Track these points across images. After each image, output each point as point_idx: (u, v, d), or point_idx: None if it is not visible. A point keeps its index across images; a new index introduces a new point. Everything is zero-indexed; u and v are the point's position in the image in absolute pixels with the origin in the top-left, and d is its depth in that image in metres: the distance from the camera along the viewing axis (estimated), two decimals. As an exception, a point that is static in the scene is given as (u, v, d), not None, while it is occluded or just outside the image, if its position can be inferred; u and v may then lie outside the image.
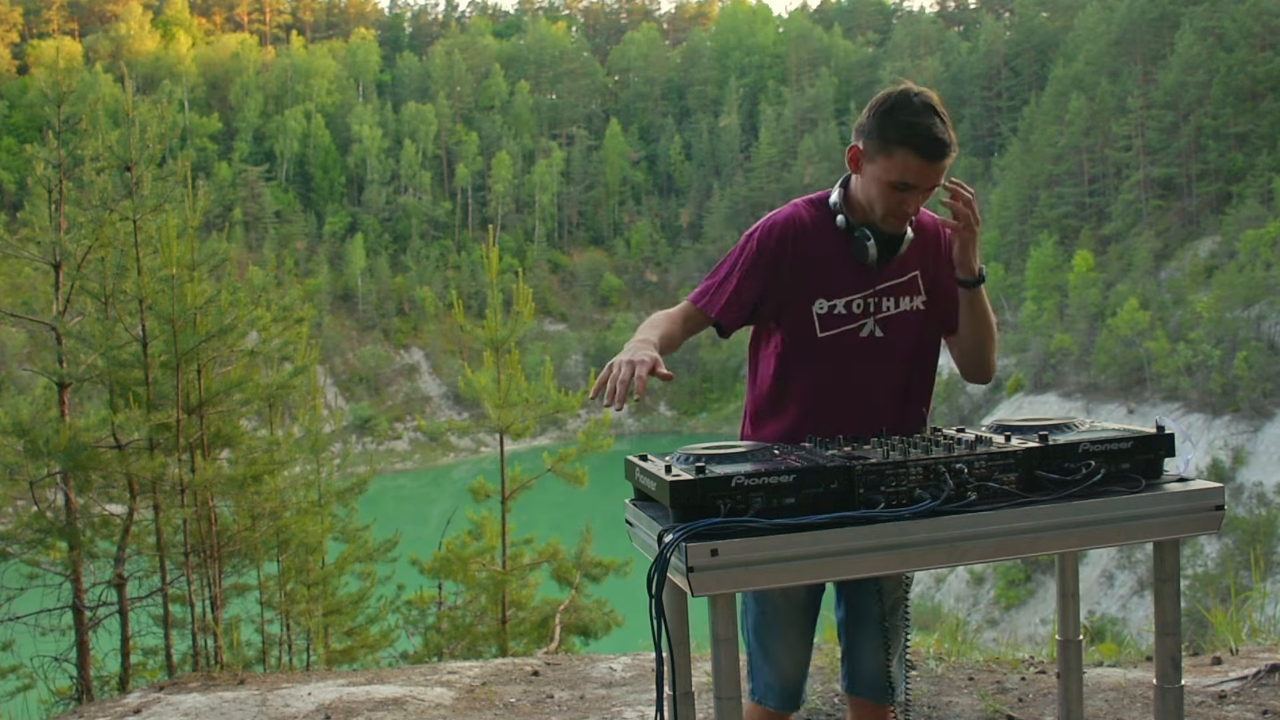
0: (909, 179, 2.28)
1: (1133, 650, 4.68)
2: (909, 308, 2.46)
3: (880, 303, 2.43)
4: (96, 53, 79.30)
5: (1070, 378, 49.88)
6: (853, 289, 2.42)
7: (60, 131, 6.94)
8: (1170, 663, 2.12)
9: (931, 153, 2.24)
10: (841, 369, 2.43)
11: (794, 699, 2.55)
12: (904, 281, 2.45)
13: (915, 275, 2.46)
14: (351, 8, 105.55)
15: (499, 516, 8.28)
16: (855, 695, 2.61)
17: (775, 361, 2.49)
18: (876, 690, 2.56)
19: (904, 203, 2.32)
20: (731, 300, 2.40)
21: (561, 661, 5.05)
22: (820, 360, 2.43)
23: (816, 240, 2.42)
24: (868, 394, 2.45)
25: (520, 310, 8.26)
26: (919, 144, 2.24)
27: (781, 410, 2.50)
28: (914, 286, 2.46)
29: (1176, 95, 56.59)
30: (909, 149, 2.24)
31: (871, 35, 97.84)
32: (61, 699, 6.33)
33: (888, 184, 2.30)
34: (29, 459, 6.29)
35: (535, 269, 74.13)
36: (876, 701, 2.57)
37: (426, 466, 61.32)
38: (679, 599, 2.23)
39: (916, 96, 2.27)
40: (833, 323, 2.42)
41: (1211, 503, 2.04)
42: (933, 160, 2.25)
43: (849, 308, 2.42)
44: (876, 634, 2.54)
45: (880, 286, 2.42)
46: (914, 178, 2.28)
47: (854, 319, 2.42)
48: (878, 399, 2.45)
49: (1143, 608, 33.55)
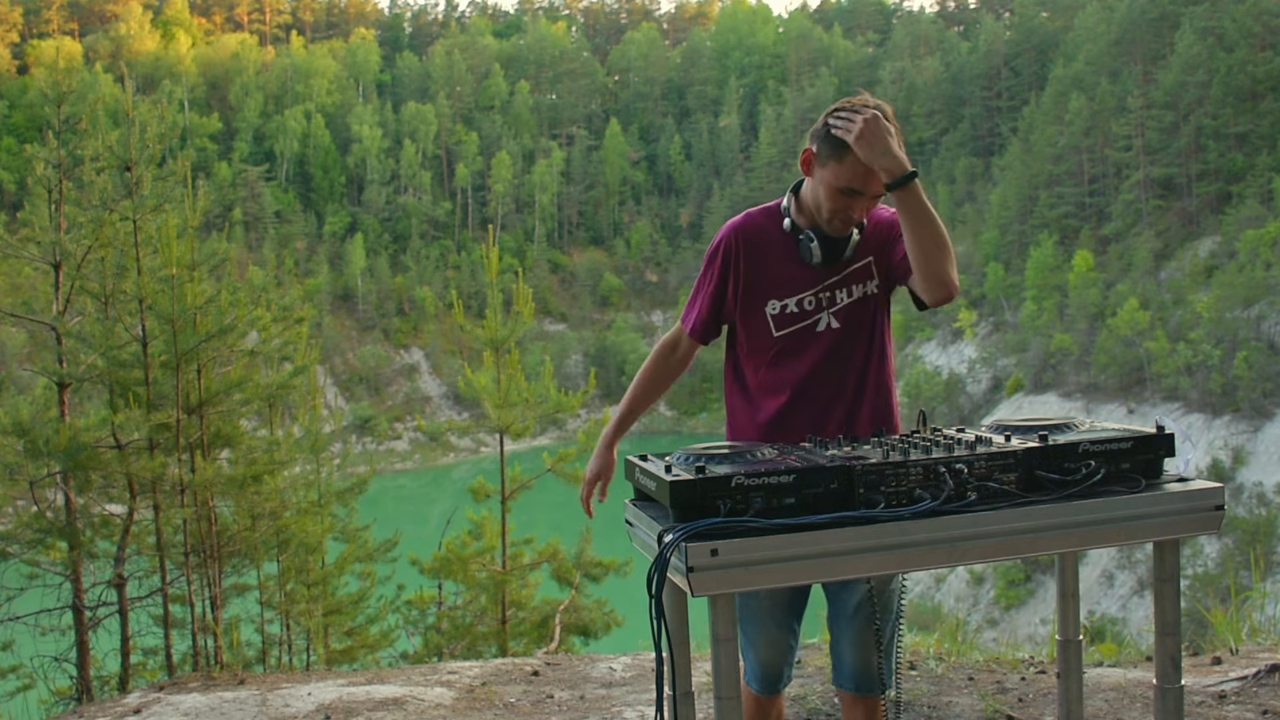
0: (856, 185, 2.36)
1: (1133, 650, 4.68)
2: (861, 294, 2.53)
3: (833, 296, 2.51)
4: (96, 53, 79.31)
5: (1070, 378, 49.89)
6: (801, 288, 2.51)
7: (60, 131, 6.94)
8: (1170, 663, 2.12)
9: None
10: (803, 363, 2.52)
11: (773, 684, 2.66)
12: (855, 270, 2.52)
13: (869, 262, 2.52)
14: (351, 8, 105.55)
15: (499, 516, 8.28)
16: (843, 688, 2.67)
17: (741, 363, 2.62)
18: (863, 683, 2.62)
19: (850, 208, 2.40)
20: (699, 315, 2.62)
21: (561, 661, 5.05)
22: (781, 357, 2.53)
23: (764, 244, 2.53)
24: (834, 383, 2.53)
25: (520, 310, 8.26)
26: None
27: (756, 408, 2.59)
28: (866, 273, 2.52)
29: (1176, 95, 56.59)
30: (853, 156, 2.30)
31: (871, 35, 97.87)
32: (61, 699, 6.33)
33: (836, 189, 2.38)
34: (29, 459, 6.29)
35: (535, 269, 74.14)
36: (863, 693, 2.63)
37: (426, 466, 61.32)
38: (679, 599, 2.23)
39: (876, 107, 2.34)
40: (786, 321, 2.52)
41: (1211, 503, 2.04)
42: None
43: (800, 305, 2.51)
44: (862, 627, 2.59)
45: (830, 281, 2.50)
46: (861, 184, 2.36)
47: (807, 316, 2.52)
48: (847, 386, 2.53)
49: (1143, 608, 33.56)
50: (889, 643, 2.60)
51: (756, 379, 2.59)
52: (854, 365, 2.54)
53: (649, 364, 2.71)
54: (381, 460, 51.13)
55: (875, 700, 2.63)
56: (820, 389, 2.53)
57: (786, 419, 2.54)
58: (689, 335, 2.65)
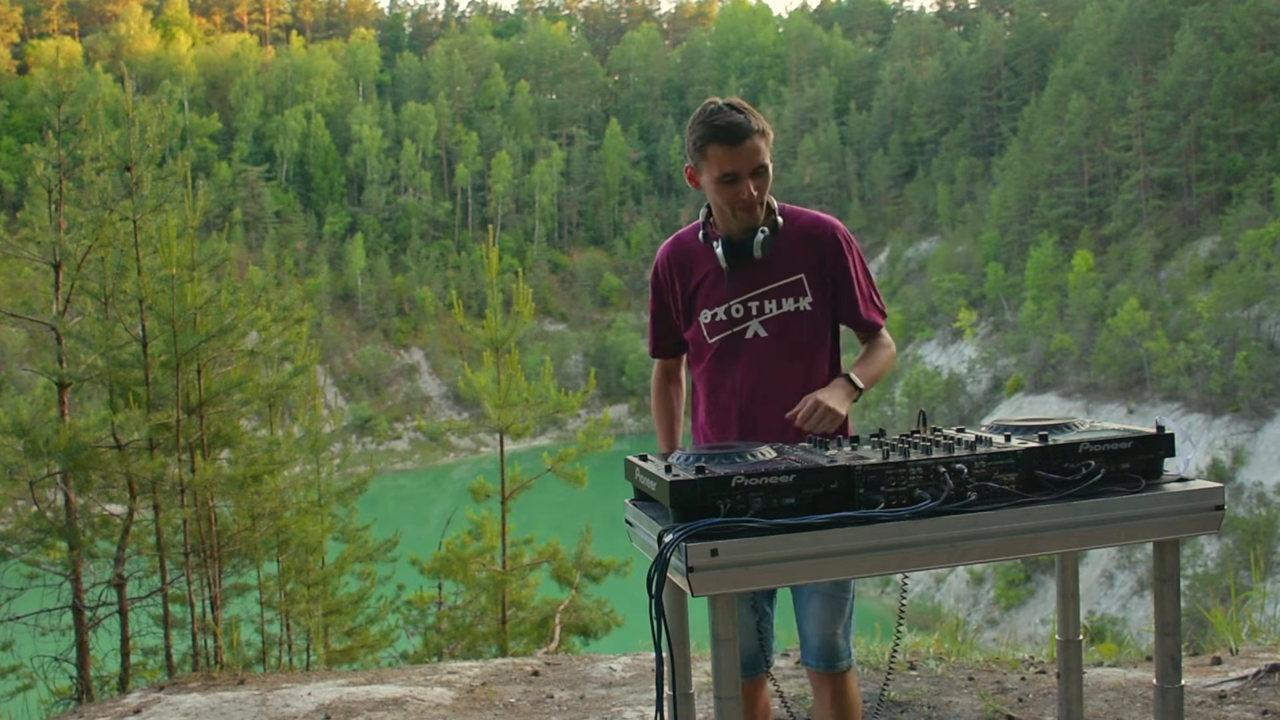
0: (726, 168, 2.49)
1: (1133, 650, 4.68)
2: (793, 308, 2.60)
3: (761, 305, 2.60)
4: (96, 53, 79.30)
5: (1070, 378, 49.88)
6: (728, 296, 2.62)
7: (60, 131, 6.93)
8: (1170, 663, 2.12)
9: (731, 138, 2.46)
10: (735, 369, 2.63)
11: (749, 667, 2.68)
12: (784, 284, 2.60)
13: (800, 278, 2.61)
14: (351, 8, 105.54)
15: (499, 516, 8.28)
16: (812, 666, 2.73)
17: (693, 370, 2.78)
18: (823, 658, 2.69)
19: (739, 193, 2.51)
20: (656, 337, 2.81)
21: (561, 661, 5.05)
22: (716, 363, 2.66)
23: (691, 260, 2.68)
24: (769, 391, 2.60)
25: (520, 310, 8.26)
26: (719, 134, 2.47)
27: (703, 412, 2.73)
28: (798, 289, 2.61)
29: (1176, 95, 56.58)
30: (714, 142, 2.48)
31: (871, 35, 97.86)
32: (61, 699, 6.33)
33: (716, 182, 2.53)
34: (29, 459, 6.28)
35: (535, 269, 74.14)
36: (823, 669, 2.70)
37: (426, 466, 61.31)
38: (679, 599, 2.23)
39: (714, 102, 2.54)
40: (718, 329, 2.64)
41: (1211, 503, 2.04)
42: (735, 144, 2.47)
43: (729, 313, 2.62)
44: (821, 604, 2.67)
45: (756, 291, 2.60)
46: (730, 165, 2.49)
47: (735, 323, 2.62)
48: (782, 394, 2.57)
49: (1143, 608, 33.56)
50: (848, 618, 2.70)
51: (703, 385, 2.72)
52: (791, 378, 2.59)
53: (657, 399, 2.87)
54: (381, 460, 51.14)
55: (841, 675, 2.70)
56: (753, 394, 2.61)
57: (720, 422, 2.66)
58: (654, 357, 2.84)
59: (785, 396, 2.56)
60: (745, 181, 2.51)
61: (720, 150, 2.48)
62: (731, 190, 2.52)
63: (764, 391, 2.61)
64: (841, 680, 2.70)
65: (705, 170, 2.55)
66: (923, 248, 70.08)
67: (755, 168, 2.50)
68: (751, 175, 2.51)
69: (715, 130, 2.49)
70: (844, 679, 2.70)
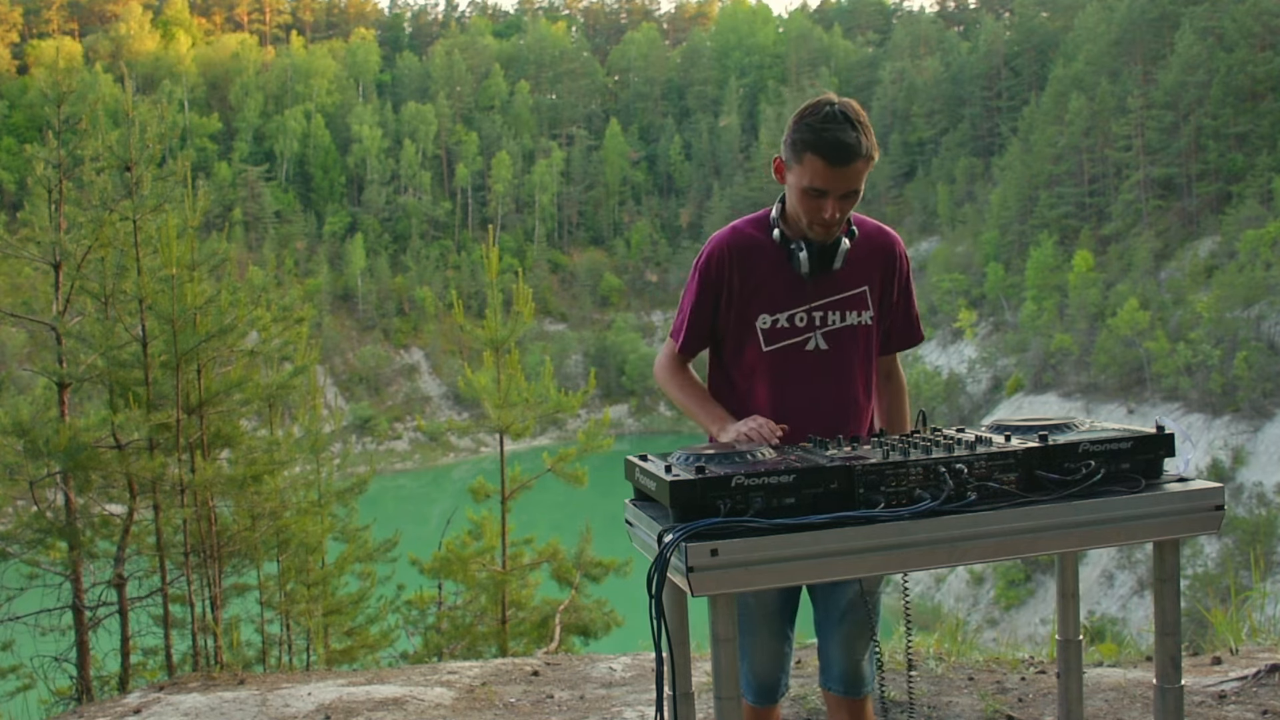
0: (818, 184, 2.33)
1: (1133, 650, 4.68)
2: (855, 322, 2.50)
3: (825, 316, 2.48)
4: (96, 53, 79.28)
5: (1070, 378, 49.88)
6: (793, 303, 2.47)
7: (60, 131, 6.94)
8: (1170, 663, 2.12)
9: (835, 157, 2.29)
10: (789, 382, 2.48)
11: (769, 694, 2.62)
12: (850, 296, 2.50)
13: (864, 291, 2.51)
14: (351, 8, 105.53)
15: (499, 516, 8.28)
16: (832, 690, 2.67)
17: (728, 376, 2.58)
18: (846, 684, 2.63)
19: (820, 209, 2.36)
20: (689, 330, 2.56)
21: (561, 661, 5.05)
22: (768, 373, 2.49)
23: (755, 257, 2.49)
24: (817, 406, 2.49)
25: (520, 310, 8.26)
26: (823, 149, 2.29)
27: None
28: (861, 301, 2.51)
29: (1176, 95, 56.57)
30: (815, 154, 2.30)
31: (871, 35, 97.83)
32: (61, 699, 6.33)
33: (802, 190, 2.36)
34: (29, 459, 6.28)
35: (535, 269, 74.12)
36: (846, 695, 2.64)
37: (426, 466, 61.31)
38: (679, 599, 2.23)
39: (830, 106, 2.33)
40: (776, 337, 2.48)
41: (1211, 503, 2.04)
42: (836, 164, 2.30)
43: (791, 321, 2.47)
44: (850, 630, 2.61)
45: (823, 300, 2.47)
46: (823, 182, 2.32)
47: (797, 333, 2.48)
48: (827, 410, 2.49)
49: (1143, 608, 33.55)
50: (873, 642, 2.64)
51: (741, 392, 2.55)
52: (838, 391, 2.50)
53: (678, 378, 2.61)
54: (381, 460, 51.14)
55: (862, 701, 2.65)
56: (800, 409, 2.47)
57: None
58: (682, 352, 2.60)
59: (833, 412, 2.49)
60: (832, 201, 2.35)
61: (819, 164, 2.31)
62: (815, 205, 2.37)
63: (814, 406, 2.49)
64: (862, 705, 2.65)
65: (795, 173, 2.37)
66: (923, 248, 70.08)
67: (849, 190, 2.35)
68: (841, 197, 2.36)
69: (822, 143, 2.30)
70: (864, 704, 2.66)
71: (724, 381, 2.61)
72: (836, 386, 2.50)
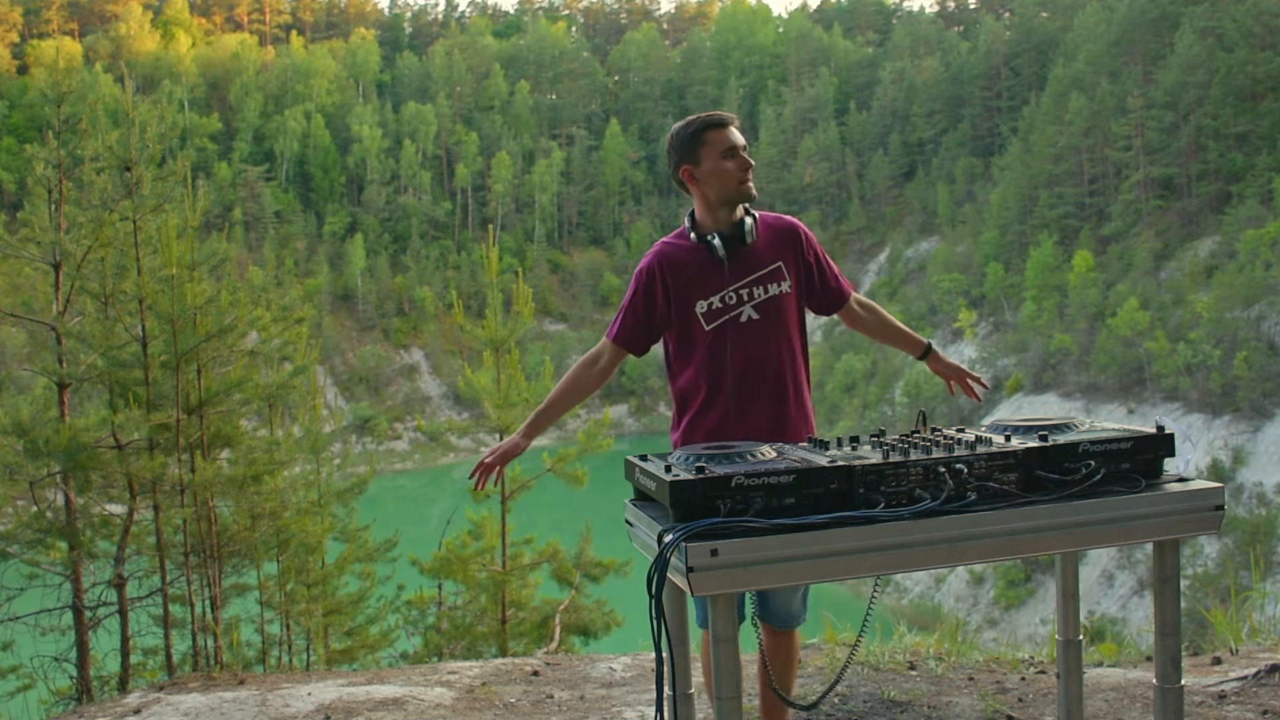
0: (730, 143, 2.88)
1: (1133, 650, 4.68)
2: (778, 292, 2.94)
3: (750, 291, 2.91)
4: (96, 53, 79.28)
5: (1070, 378, 49.87)
6: (721, 286, 2.91)
7: (60, 131, 6.93)
8: (1170, 663, 2.12)
9: (724, 120, 2.91)
10: (732, 351, 2.89)
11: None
12: (767, 272, 2.94)
13: (779, 266, 2.95)
14: (351, 8, 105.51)
15: (499, 516, 8.28)
16: (770, 624, 3.03)
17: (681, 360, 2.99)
18: (789, 621, 3.03)
19: (743, 163, 2.89)
20: (625, 325, 2.99)
21: (561, 661, 5.04)
22: (712, 347, 2.91)
23: (683, 259, 2.95)
24: (760, 368, 2.91)
25: (520, 310, 8.26)
26: (711, 122, 2.90)
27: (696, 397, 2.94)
28: (779, 275, 2.95)
29: (1176, 95, 56.55)
30: (710, 129, 2.89)
31: (871, 35, 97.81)
32: (61, 699, 6.33)
33: (721, 159, 2.88)
34: (29, 459, 6.28)
35: (535, 269, 74.11)
36: (780, 628, 3.03)
37: (426, 466, 61.30)
38: (679, 599, 2.23)
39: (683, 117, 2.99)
40: (714, 316, 2.91)
41: (1211, 503, 2.04)
42: (729, 124, 2.91)
43: (724, 300, 2.91)
44: None
45: (745, 279, 2.91)
46: (731, 140, 2.89)
47: (729, 309, 2.90)
48: (768, 371, 2.91)
49: (1143, 608, 33.55)
50: (804, 586, 2.96)
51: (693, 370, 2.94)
52: (776, 357, 2.92)
53: (574, 371, 3.04)
54: (381, 460, 51.10)
55: (791, 633, 3.06)
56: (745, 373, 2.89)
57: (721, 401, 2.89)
58: (613, 341, 3.00)
59: (773, 371, 2.91)
60: (743, 157, 2.89)
61: (716, 133, 2.88)
62: (735, 161, 2.88)
63: (756, 367, 2.90)
64: (791, 636, 3.07)
65: (705, 156, 2.88)
66: (923, 248, 70.06)
67: (745, 146, 2.92)
68: (743, 150, 2.91)
69: (708, 119, 2.90)
70: (794, 634, 3.07)
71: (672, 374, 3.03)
72: (770, 346, 2.92)
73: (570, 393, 3.02)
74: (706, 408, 2.91)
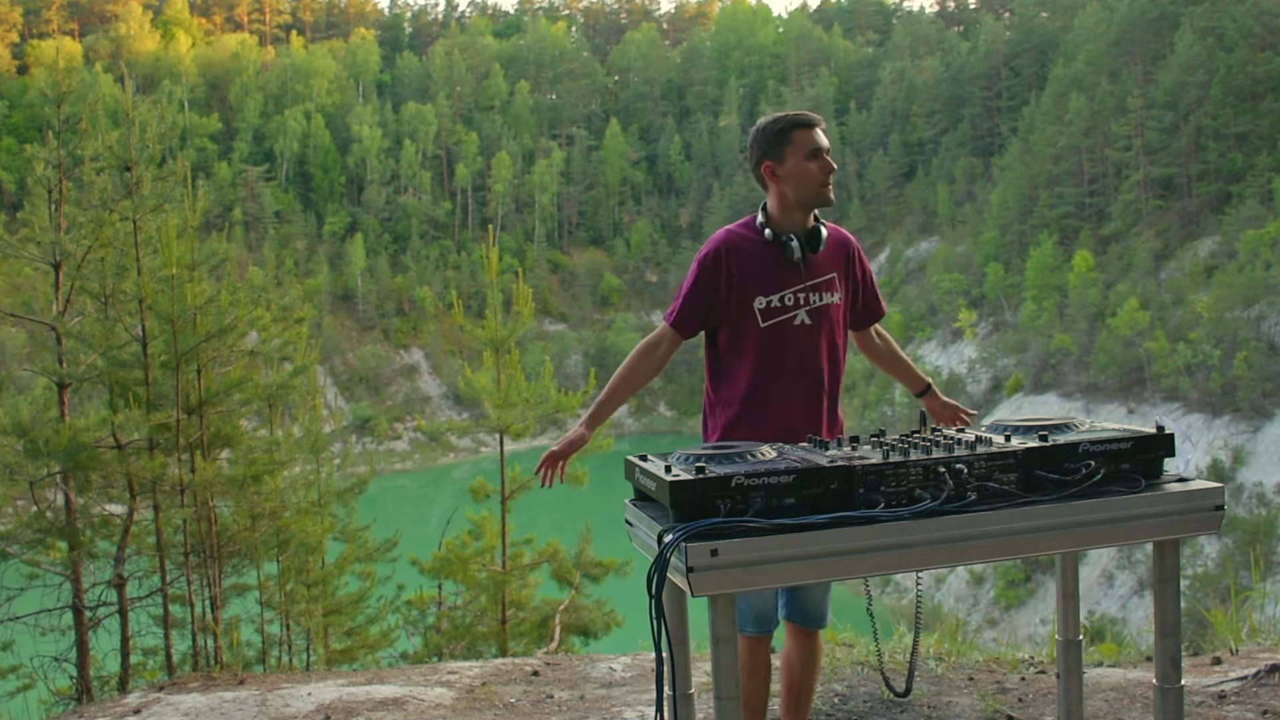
0: (816, 143, 2.88)
1: (1133, 650, 4.68)
2: (830, 301, 2.98)
3: (808, 296, 2.94)
4: (96, 53, 79.26)
5: (1070, 378, 49.86)
6: (787, 284, 2.92)
7: (60, 131, 6.93)
8: (1170, 663, 2.12)
9: (811, 121, 2.90)
10: (780, 352, 2.92)
11: (767, 623, 2.99)
12: (826, 280, 2.98)
13: (834, 276, 2.99)
14: (351, 8, 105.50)
15: (499, 516, 8.28)
16: (796, 623, 3.06)
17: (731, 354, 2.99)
18: (806, 618, 3.04)
19: (825, 166, 2.89)
20: (685, 312, 2.98)
21: (561, 661, 5.04)
22: (763, 345, 2.92)
23: (749, 252, 2.94)
24: (800, 372, 2.93)
25: (520, 310, 8.26)
26: (800, 121, 2.89)
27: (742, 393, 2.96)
28: (833, 285, 3.00)
29: (1176, 95, 56.54)
30: (798, 128, 2.88)
31: (871, 35, 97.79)
32: (61, 699, 6.33)
33: (806, 159, 2.87)
34: (29, 459, 6.28)
35: (535, 269, 74.09)
36: (806, 627, 3.06)
37: (426, 466, 61.29)
38: (679, 599, 2.23)
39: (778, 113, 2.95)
40: (771, 314, 2.92)
41: (1211, 503, 2.04)
42: (816, 125, 2.90)
43: (783, 301, 2.92)
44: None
45: (808, 283, 2.94)
46: (815, 142, 2.88)
47: (786, 310, 2.93)
48: (808, 376, 2.94)
49: (1143, 608, 33.55)
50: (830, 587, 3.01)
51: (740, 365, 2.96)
52: (815, 359, 2.95)
53: (632, 359, 3.02)
54: (381, 460, 51.08)
55: (816, 634, 3.08)
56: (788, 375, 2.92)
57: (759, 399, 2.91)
58: (672, 326, 2.99)
59: (815, 377, 2.94)
60: (826, 158, 2.89)
61: (803, 133, 2.87)
62: (819, 164, 2.87)
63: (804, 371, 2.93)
64: (816, 636, 3.09)
65: (790, 155, 2.87)
66: (923, 248, 70.05)
67: (828, 149, 2.91)
68: (828, 152, 2.90)
69: (796, 118, 2.90)
70: (818, 636, 3.10)
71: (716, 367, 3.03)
72: (817, 352, 2.95)
73: (630, 380, 3.00)
74: (749, 405, 2.92)
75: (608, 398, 3.01)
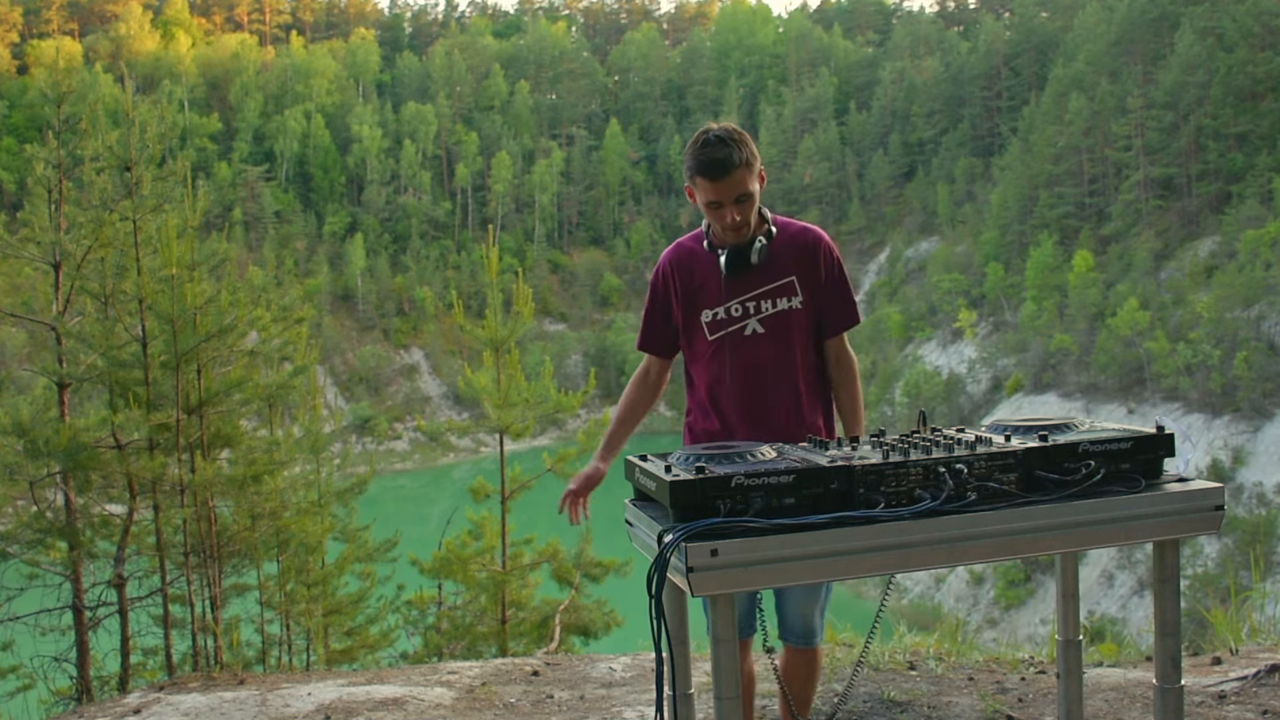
0: (711, 197, 2.74)
1: (1133, 650, 4.68)
2: (786, 307, 2.86)
3: (758, 305, 2.85)
4: (96, 53, 79.25)
5: (1070, 378, 49.86)
6: (729, 296, 2.85)
7: (60, 131, 6.93)
8: (1170, 663, 2.12)
9: (715, 173, 2.70)
10: (731, 363, 2.85)
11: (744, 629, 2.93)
12: (778, 286, 2.86)
13: (791, 280, 2.87)
14: (351, 8, 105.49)
15: (499, 516, 8.28)
16: (790, 643, 3.00)
17: (690, 365, 2.99)
18: (802, 637, 2.98)
19: (722, 217, 2.76)
20: (647, 333, 3.02)
21: (561, 661, 5.05)
22: (714, 358, 2.88)
23: (694, 265, 2.92)
24: (763, 384, 2.86)
25: (520, 310, 8.26)
26: (704, 169, 2.71)
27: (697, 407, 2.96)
28: (790, 290, 2.87)
29: (1176, 95, 56.54)
30: (701, 175, 2.73)
31: (871, 35, 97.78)
32: (61, 699, 6.33)
33: (704, 206, 2.78)
34: (29, 459, 6.28)
35: (535, 269, 74.07)
36: (800, 646, 2.99)
37: (426, 466, 61.29)
38: (679, 599, 2.23)
39: (708, 133, 2.75)
40: (718, 327, 2.88)
41: (1211, 503, 2.04)
42: (718, 178, 2.70)
43: (729, 312, 2.86)
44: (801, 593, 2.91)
45: (752, 293, 2.85)
46: (714, 195, 2.73)
47: (734, 321, 2.86)
48: (773, 387, 2.86)
49: (1143, 608, 33.55)
50: (824, 601, 2.95)
51: (697, 379, 2.95)
52: (781, 369, 2.86)
53: (627, 391, 3.06)
54: (381, 460, 51.07)
55: (814, 650, 3.01)
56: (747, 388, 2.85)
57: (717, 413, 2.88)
58: (641, 349, 3.02)
59: (779, 384, 2.86)
60: (729, 209, 2.74)
61: (705, 182, 2.72)
62: (717, 215, 2.77)
63: (757, 381, 2.86)
64: (814, 653, 3.02)
65: (696, 196, 2.80)
66: (923, 248, 70.05)
67: (738, 195, 2.73)
68: (734, 203, 2.74)
69: (701, 165, 2.72)
70: (816, 652, 3.03)
71: (688, 377, 3.02)
72: (777, 361, 2.86)
73: (631, 411, 3.04)
74: (705, 416, 2.92)
75: (615, 430, 3.03)
